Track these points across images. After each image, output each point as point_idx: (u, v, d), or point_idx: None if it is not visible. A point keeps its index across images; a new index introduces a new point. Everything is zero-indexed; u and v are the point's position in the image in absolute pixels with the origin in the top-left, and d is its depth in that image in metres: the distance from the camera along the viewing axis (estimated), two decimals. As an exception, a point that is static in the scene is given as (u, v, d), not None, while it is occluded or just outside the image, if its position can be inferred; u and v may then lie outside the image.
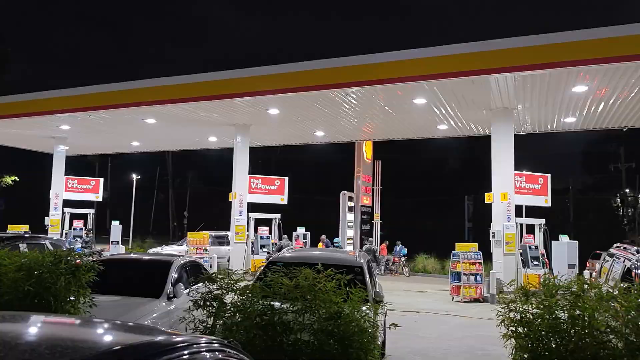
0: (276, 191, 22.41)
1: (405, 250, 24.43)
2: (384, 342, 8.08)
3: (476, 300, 15.24)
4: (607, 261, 9.40)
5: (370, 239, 24.61)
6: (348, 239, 24.50)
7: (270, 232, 21.73)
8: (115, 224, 23.40)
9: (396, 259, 24.03)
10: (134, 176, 40.50)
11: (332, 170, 46.87)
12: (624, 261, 8.10)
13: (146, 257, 9.08)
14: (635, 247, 8.05)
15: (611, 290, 4.89)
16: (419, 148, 46.34)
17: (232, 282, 5.02)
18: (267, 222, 22.28)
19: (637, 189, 43.42)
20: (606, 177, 45.42)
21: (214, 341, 2.85)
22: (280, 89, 15.39)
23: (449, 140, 39.84)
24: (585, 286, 4.71)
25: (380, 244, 24.79)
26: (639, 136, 35.11)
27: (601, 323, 4.39)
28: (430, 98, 15.27)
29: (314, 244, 22.64)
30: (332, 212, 28.40)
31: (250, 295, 4.81)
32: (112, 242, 22.93)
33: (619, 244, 9.35)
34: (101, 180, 27.27)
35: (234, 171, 20.57)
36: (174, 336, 2.65)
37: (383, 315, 7.88)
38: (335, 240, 22.42)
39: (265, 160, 49.71)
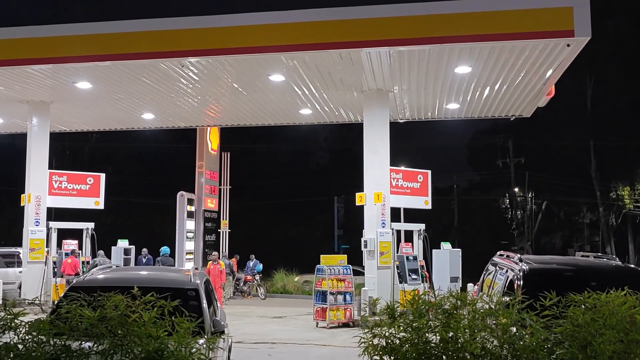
0: (89, 192, 21.41)
1: (261, 267, 24.68)
2: (227, 384, 8.07)
3: (345, 325, 15.85)
4: (490, 272, 10.20)
5: (225, 253, 24.66)
6: (187, 253, 24.11)
7: (81, 247, 20.70)
8: None
9: (249, 277, 24.15)
10: None
11: (167, 164, 45.97)
12: (507, 271, 8.85)
13: None
14: (518, 256, 8.83)
15: (490, 306, 5.31)
16: (279, 138, 47.12)
17: (10, 316, 4.68)
18: (77, 234, 21.20)
19: (527, 187, 47.42)
20: (494, 173, 49.58)
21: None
22: (92, 56, 14.64)
23: (316, 128, 41.12)
24: (459, 302, 5.07)
25: (230, 259, 24.76)
26: (527, 127, 38.65)
27: (475, 345, 4.76)
28: (290, 75, 15.54)
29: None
30: (166, 219, 27.74)
31: (36, 334, 4.53)
32: None
33: (502, 252, 10.21)
34: None
35: (28, 165, 19.39)
36: None
37: (226, 351, 7.88)
38: (163, 249, 21.42)
39: (75, 151, 47.26)
